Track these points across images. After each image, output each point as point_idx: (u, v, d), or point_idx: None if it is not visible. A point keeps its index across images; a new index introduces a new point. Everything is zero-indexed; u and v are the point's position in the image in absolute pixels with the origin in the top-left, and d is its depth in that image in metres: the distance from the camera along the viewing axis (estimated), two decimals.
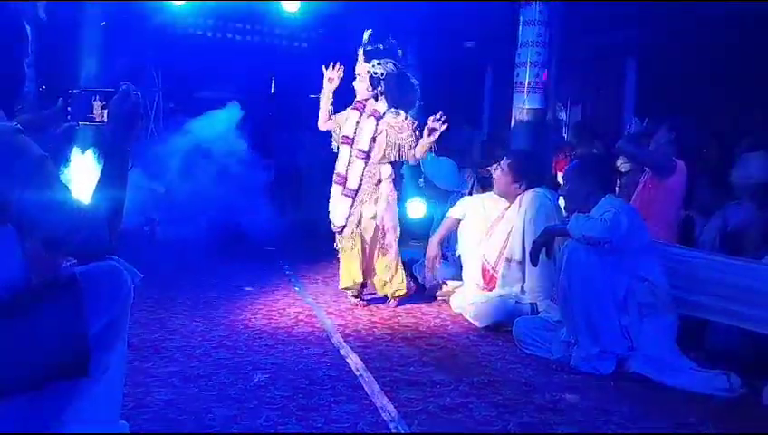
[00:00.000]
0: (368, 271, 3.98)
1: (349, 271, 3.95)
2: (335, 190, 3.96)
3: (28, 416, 1.59)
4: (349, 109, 4.00)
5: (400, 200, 4.02)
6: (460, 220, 4.04)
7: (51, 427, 1.62)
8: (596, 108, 8.48)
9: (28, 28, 1.67)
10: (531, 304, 3.63)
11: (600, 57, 7.73)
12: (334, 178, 3.99)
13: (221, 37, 7.66)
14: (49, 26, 5.90)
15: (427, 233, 5.00)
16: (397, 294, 3.93)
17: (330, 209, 4.00)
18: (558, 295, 3.07)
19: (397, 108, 3.85)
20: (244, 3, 7.18)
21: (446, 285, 4.20)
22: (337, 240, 3.99)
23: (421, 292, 4.27)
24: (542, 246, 3.09)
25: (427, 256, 4.06)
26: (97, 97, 1.77)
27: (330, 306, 3.92)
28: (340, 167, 3.96)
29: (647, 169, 4.17)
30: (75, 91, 1.77)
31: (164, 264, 4.91)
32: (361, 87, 3.91)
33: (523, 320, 3.36)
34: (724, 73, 6.27)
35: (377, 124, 3.85)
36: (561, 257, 2.95)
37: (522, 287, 3.66)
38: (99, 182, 1.67)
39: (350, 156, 3.89)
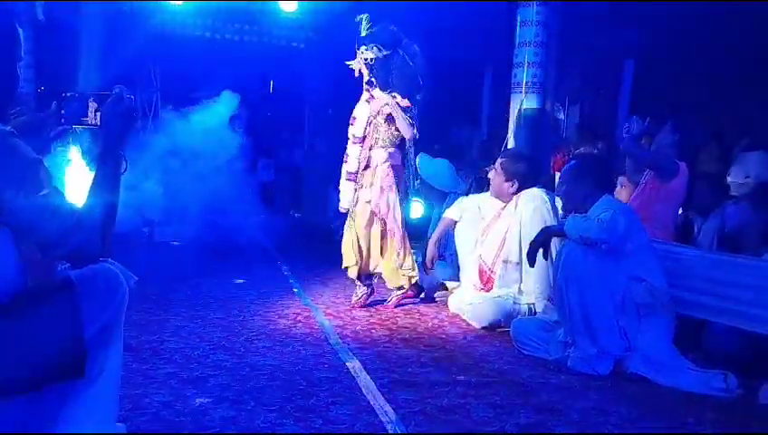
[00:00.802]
0: (369, 261, 3.99)
1: (347, 250, 3.99)
2: (343, 169, 4.06)
3: (25, 417, 1.60)
4: None
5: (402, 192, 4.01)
6: (457, 221, 4.04)
7: (48, 428, 1.63)
8: (594, 108, 8.50)
9: (21, 31, 1.67)
10: (528, 304, 3.63)
11: (597, 58, 7.75)
12: (344, 157, 4.06)
13: (219, 38, 7.66)
14: (48, 28, 5.90)
15: (425, 234, 5.01)
16: (412, 278, 3.96)
17: (340, 189, 4.08)
18: (555, 296, 3.07)
19: (391, 92, 3.85)
20: (242, 3, 7.18)
21: (444, 285, 4.20)
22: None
23: (419, 293, 4.28)
24: (539, 246, 3.08)
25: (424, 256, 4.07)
26: (91, 100, 1.77)
27: (328, 307, 3.92)
28: (348, 148, 4.04)
29: (648, 170, 4.16)
30: (69, 94, 1.77)
31: (162, 265, 4.92)
32: (363, 73, 3.95)
33: (521, 321, 3.36)
34: (721, 75, 6.29)
35: (369, 109, 3.90)
36: (559, 258, 2.95)
37: (519, 288, 3.66)
38: (92, 186, 1.68)
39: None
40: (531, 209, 3.60)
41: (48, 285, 1.60)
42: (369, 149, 3.92)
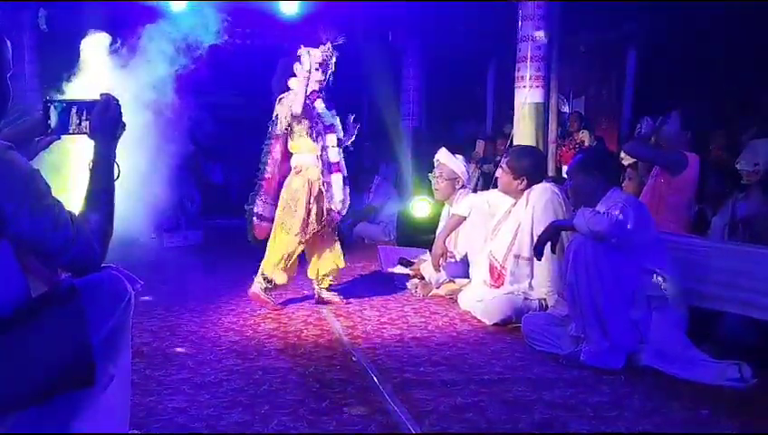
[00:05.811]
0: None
1: None
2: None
3: (37, 428, 1.59)
4: None
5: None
6: (465, 218, 4.03)
7: None
8: (597, 100, 8.49)
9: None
10: (539, 300, 3.62)
11: (601, 50, 7.74)
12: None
13: (222, 41, 7.66)
14: (50, 37, 5.91)
15: (434, 231, 5.00)
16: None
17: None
18: (566, 291, 3.06)
19: None
20: (242, 4, 7.18)
21: (454, 282, 4.20)
22: None
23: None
24: (546, 240, 3.06)
25: (432, 253, 4.06)
26: (76, 108, 1.74)
27: (338, 309, 3.92)
28: None
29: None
30: (56, 102, 1.74)
31: (172, 271, 4.92)
32: None
33: (532, 316, 3.35)
34: (725, 64, 6.25)
35: None
36: (569, 252, 2.93)
37: (530, 284, 3.65)
38: (87, 194, 1.68)
39: None
40: (542, 204, 3.58)
41: (52, 296, 1.60)
42: None
